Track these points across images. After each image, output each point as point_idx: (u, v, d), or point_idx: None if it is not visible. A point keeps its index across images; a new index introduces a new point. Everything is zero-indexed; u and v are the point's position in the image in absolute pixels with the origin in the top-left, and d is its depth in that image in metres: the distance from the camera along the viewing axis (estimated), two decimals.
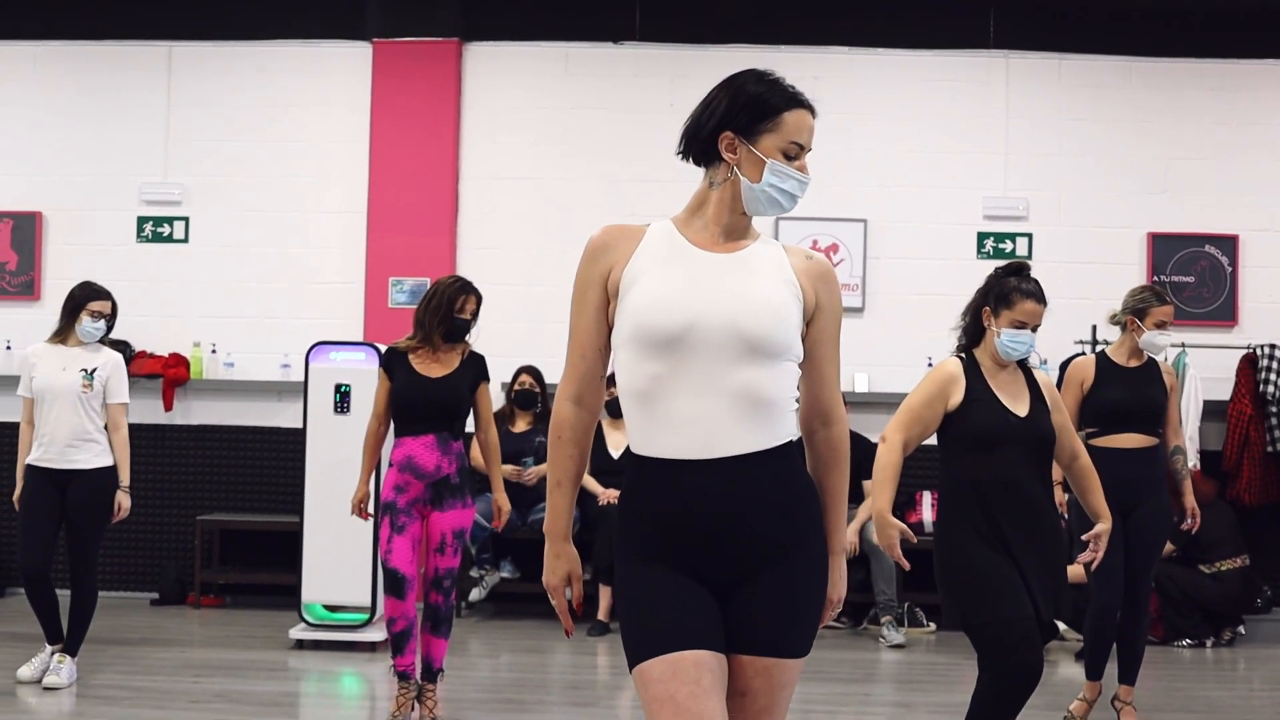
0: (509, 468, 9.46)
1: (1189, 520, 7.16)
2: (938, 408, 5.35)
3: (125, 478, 7.61)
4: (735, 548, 3.23)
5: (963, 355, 5.47)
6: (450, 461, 6.70)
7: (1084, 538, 5.51)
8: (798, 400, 3.36)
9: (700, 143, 3.36)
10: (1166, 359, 7.51)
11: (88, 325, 7.55)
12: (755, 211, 3.35)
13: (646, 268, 3.29)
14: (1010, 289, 5.41)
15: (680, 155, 3.41)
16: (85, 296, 7.60)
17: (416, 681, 6.80)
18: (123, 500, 7.59)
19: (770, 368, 3.23)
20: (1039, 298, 5.43)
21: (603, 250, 3.35)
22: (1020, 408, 5.31)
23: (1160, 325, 7.00)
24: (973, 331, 5.52)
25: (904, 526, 5.26)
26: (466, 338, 6.86)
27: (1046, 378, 5.54)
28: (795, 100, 3.33)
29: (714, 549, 3.23)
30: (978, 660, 5.25)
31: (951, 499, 5.34)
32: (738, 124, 3.31)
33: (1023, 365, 5.48)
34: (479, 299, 6.86)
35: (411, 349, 6.81)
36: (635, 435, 3.30)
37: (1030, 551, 5.19)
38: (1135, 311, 7.04)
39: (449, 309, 6.75)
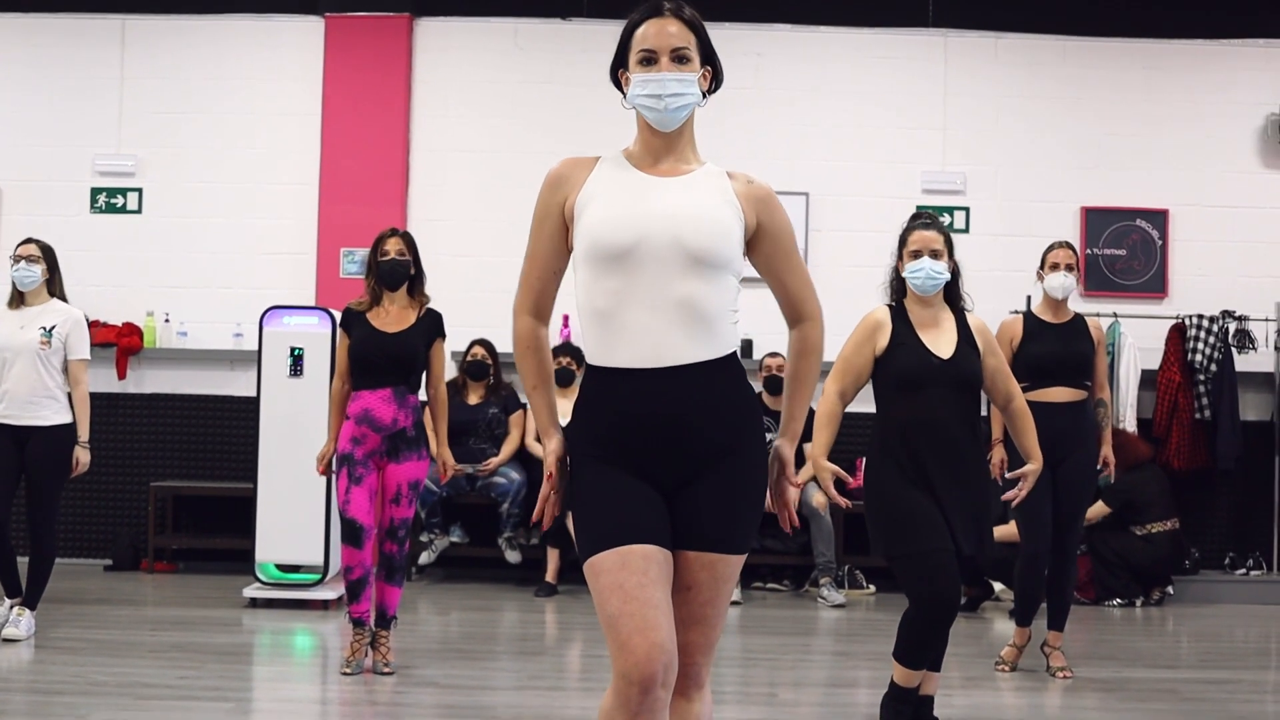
0: (464, 466, 9.73)
1: (1102, 468, 7.42)
2: (866, 353, 5.59)
3: (84, 433, 7.75)
4: (681, 450, 3.47)
5: (892, 304, 5.72)
6: (406, 415, 6.89)
7: (1010, 475, 5.76)
8: (735, 312, 3.58)
9: (621, 92, 3.65)
10: (1101, 318, 7.73)
11: (15, 272, 7.69)
12: (654, 123, 3.56)
13: (599, 192, 3.54)
14: (903, 231, 5.73)
15: None
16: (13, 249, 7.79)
17: (371, 628, 6.99)
18: (81, 455, 7.73)
19: (711, 281, 3.47)
20: (927, 226, 5.69)
21: (560, 181, 3.61)
22: (944, 350, 5.55)
23: (1054, 267, 7.30)
24: (895, 287, 5.78)
25: (838, 469, 5.51)
26: (420, 289, 7.05)
27: (981, 323, 5.75)
28: (644, 15, 3.58)
29: (662, 451, 3.46)
30: (905, 591, 5.50)
31: (879, 439, 5.59)
32: (621, 62, 3.61)
33: (957, 311, 5.70)
34: (405, 240, 7.03)
35: (365, 309, 7.01)
36: (592, 349, 3.55)
37: (952, 488, 5.42)
38: (1040, 261, 7.39)
39: (374, 256, 7.00)
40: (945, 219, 10.76)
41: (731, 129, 10.24)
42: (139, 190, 10.90)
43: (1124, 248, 10.83)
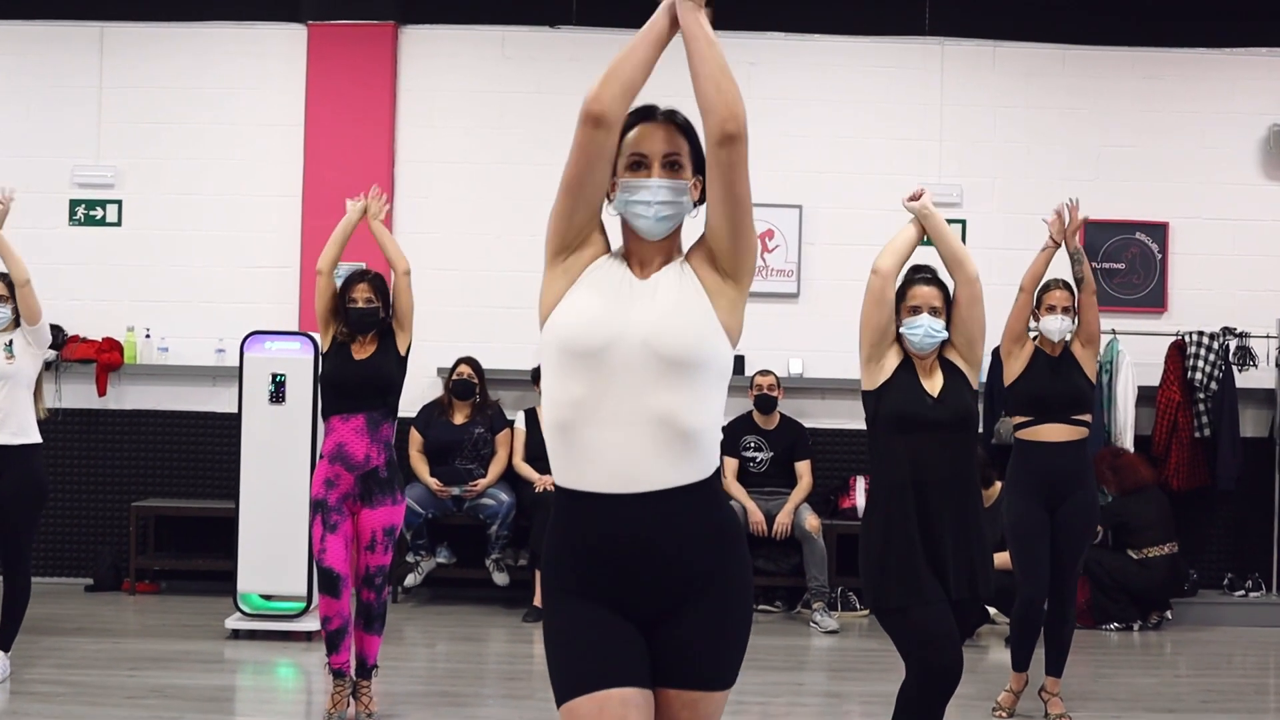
0: (451, 488, 9.79)
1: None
2: (889, 302, 5.39)
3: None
4: (660, 581, 3.27)
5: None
6: (379, 451, 6.73)
7: None
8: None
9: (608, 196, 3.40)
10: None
11: None
12: (641, 231, 3.34)
13: (584, 284, 3.32)
14: (901, 285, 5.52)
15: None
16: None
17: (351, 678, 6.84)
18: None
19: (692, 390, 3.24)
20: (925, 281, 5.49)
21: (599, 233, 3.38)
22: (935, 388, 5.39)
23: (1051, 309, 7.16)
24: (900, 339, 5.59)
25: None
26: (386, 328, 6.92)
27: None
28: (635, 118, 3.35)
29: (639, 583, 3.27)
30: (902, 656, 5.31)
31: (873, 484, 5.47)
32: (615, 170, 3.36)
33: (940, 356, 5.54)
34: (374, 284, 6.85)
35: (346, 340, 6.88)
36: (558, 468, 3.33)
37: (948, 532, 5.22)
38: (1037, 301, 7.24)
39: (343, 299, 6.86)
40: None
41: None
42: (118, 202, 10.69)
43: (1123, 261, 10.64)
